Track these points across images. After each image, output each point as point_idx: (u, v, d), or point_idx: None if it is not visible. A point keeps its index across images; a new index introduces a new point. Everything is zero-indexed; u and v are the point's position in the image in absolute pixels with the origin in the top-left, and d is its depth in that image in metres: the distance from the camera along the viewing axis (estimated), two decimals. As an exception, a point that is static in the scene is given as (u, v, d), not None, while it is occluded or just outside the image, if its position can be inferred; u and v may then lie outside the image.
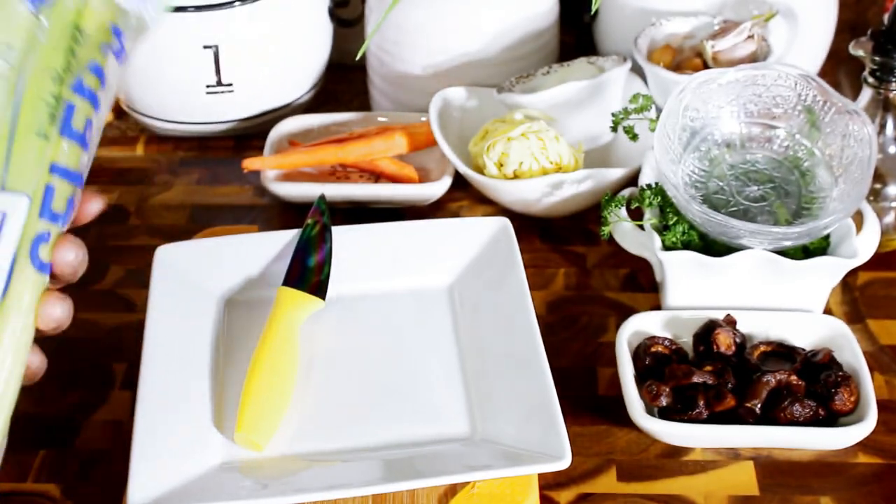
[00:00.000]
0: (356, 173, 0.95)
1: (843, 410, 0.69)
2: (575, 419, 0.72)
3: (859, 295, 0.83)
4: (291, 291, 0.75)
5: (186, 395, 0.70)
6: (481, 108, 0.96)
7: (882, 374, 0.76)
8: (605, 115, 0.91)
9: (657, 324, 0.76)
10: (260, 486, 0.65)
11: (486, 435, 0.68)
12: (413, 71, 1.00)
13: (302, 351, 0.73)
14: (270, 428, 0.68)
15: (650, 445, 0.71)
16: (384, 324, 0.77)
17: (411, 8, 0.97)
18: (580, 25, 1.12)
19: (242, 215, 0.94)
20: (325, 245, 0.79)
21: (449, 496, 0.65)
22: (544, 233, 0.91)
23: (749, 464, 0.70)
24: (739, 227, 0.73)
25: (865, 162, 0.75)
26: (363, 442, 0.68)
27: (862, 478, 0.69)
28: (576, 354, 0.79)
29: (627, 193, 0.84)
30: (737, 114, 0.81)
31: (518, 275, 0.76)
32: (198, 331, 0.75)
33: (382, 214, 0.87)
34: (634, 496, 0.68)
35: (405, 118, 0.99)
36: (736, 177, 0.80)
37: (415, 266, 0.80)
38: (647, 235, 0.80)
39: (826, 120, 0.79)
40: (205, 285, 0.78)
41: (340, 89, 1.11)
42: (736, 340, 0.74)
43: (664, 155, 0.78)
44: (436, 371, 0.73)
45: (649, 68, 0.93)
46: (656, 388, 0.70)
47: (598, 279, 0.86)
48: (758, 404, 0.69)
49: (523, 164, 0.86)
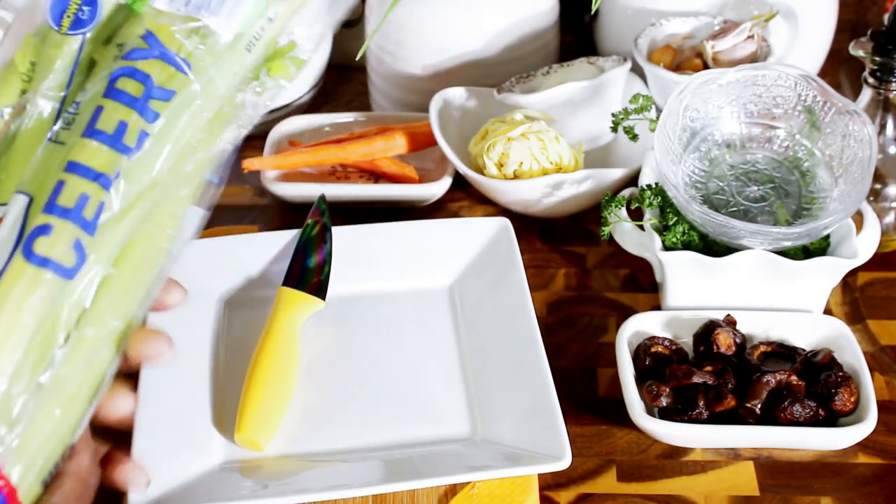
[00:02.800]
0: (356, 173, 0.95)
1: (844, 411, 0.69)
2: (575, 419, 0.72)
3: (859, 295, 0.83)
4: (291, 292, 0.75)
5: (186, 396, 0.70)
6: (481, 108, 0.96)
7: (882, 375, 0.76)
8: (605, 115, 0.91)
9: (657, 324, 0.76)
10: (260, 486, 0.65)
11: (486, 435, 0.68)
12: (413, 71, 1.00)
13: (302, 351, 0.73)
14: (271, 428, 0.68)
15: (650, 446, 0.71)
16: (384, 324, 0.77)
17: (412, 8, 0.97)
18: (580, 25, 1.13)
19: (242, 215, 0.94)
20: (325, 245, 0.79)
21: (449, 496, 0.65)
22: (544, 233, 0.91)
23: (749, 464, 0.70)
24: (739, 228, 0.73)
25: (865, 162, 0.75)
26: (363, 442, 0.68)
27: (862, 478, 0.69)
28: (576, 355, 0.79)
29: (627, 194, 0.84)
30: (737, 114, 0.81)
31: (518, 275, 0.76)
32: (198, 331, 0.75)
33: (382, 214, 0.87)
34: (634, 496, 0.68)
35: (405, 118, 0.99)
36: (736, 177, 0.80)
37: (415, 266, 0.80)
38: (647, 236, 0.80)
39: (826, 120, 0.79)
40: (205, 285, 0.78)
41: (340, 89, 1.11)
42: (736, 341, 0.74)
43: (664, 155, 0.78)
44: (436, 371, 0.73)
45: (649, 69, 0.93)
46: (656, 389, 0.70)
47: (598, 279, 0.86)
48: (758, 404, 0.69)
49: (523, 165, 0.86)
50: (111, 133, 0.52)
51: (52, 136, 0.52)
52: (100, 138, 0.51)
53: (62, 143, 0.52)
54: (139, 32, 0.53)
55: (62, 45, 0.53)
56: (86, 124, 0.52)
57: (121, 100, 0.52)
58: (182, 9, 0.54)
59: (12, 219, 0.51)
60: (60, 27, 0.53)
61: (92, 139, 0.51)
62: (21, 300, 0.50)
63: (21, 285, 0.50)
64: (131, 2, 0.53)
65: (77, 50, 0.53)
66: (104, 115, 0.52)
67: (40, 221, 0.51)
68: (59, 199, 0.51)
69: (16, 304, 0.50)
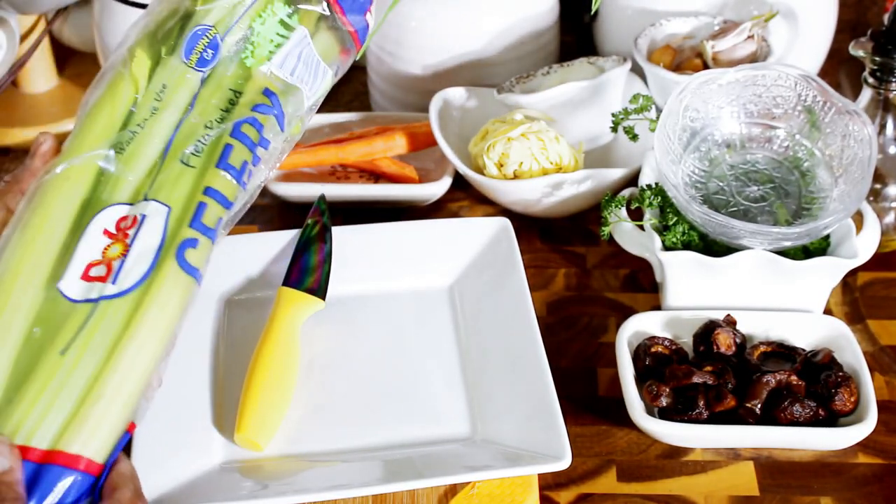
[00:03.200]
0: (356, 173, 0.95)
1: (844, 411, 0.69)
2: (575, 419, 0.72)
3: (859, 295, 0.83)
4: (291, 291, 0.75)
5: (186, 395, 0.70)
6: (481, 108, 0.96)
7: (882, 375, 0.76)
8: (605, 115, 0.91)
9: (657, 324, 0.76)
10: (260, 486, 0.65)
11: (486, 435, 0.68)
12: (413, 71, 1.00)
13: (302, 351, 0.73)
14: (271, 428, 0.68)
15: (650, 446, 0.71)
16: (384, 324, 0.77)
17: (412, 8, 0.97)
18: (580, 25, 1.13)
19: (242, 215, 0.94)
20: (325, 245, 0.79)
21: (449, 496, 0.65)
22: (544, 233, 0.91)
23: (749, 464, 0.70)
24: (739, 228, 0.73)
25: (865, 162, 0.75)
26: (363, 442, 0.68)
27: (862, 478, 0.69)
28: (576, 355, 0.79)
29: (627, 194, 0.84)
30: (737, 114, 0.81)
31: (518, 275, 0.76)
32: (198, 331, 0.75)
33: (382, 214, 0.87)
34: (634, 496, 0.68)
35: (405, 118, 0.99)
36: (736, 177, 0.80)
37: (415, 266, 0.80)
38: (647, 236, 0.80)
39: (826, 120, 0.79)
40: (205, 285, 0.77)
41: (340, 89, 1.11)
42: (736, 341, 0.74)
43: (664, 155, 0.78)
44: (436, 371, 0.73)
45: (649, 68, 0.93)
46: (656, 389, 0.70)
47: (598, 279, 0.86)
48: (758, 404, 0.69)
49: (523, 165, 0.86)
50: (238, 168, 0.62)
51: (183, 158, 0.61)
52: (231, 172, 0.62)
53: (192, 167, 0.61)
54: (258, 88, 0.64)
55: (185, 75, 0.63)
56: (218, 157, 0.61)
57: (244, 142, 0.62)
58: (289, 77, 0.65)
59: (155, 225, 0.59)
60: (189, 61, 0.63)
61: (226, 172, 0.61)
62: (177, 305, 0.58)
63: (178, 291, 0.58)
64: (245, 58, 0.64)
65: (198, 84, 0.63)
66: (234, 154, 0.62)
67: (189, 235, 0.59)
68: (203, 218, 0.60)
69: (175, 307, 0.58)
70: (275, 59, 0.65)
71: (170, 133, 0.62)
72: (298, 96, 0.66)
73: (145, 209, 0.59)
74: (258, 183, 0.66)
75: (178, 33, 0.64)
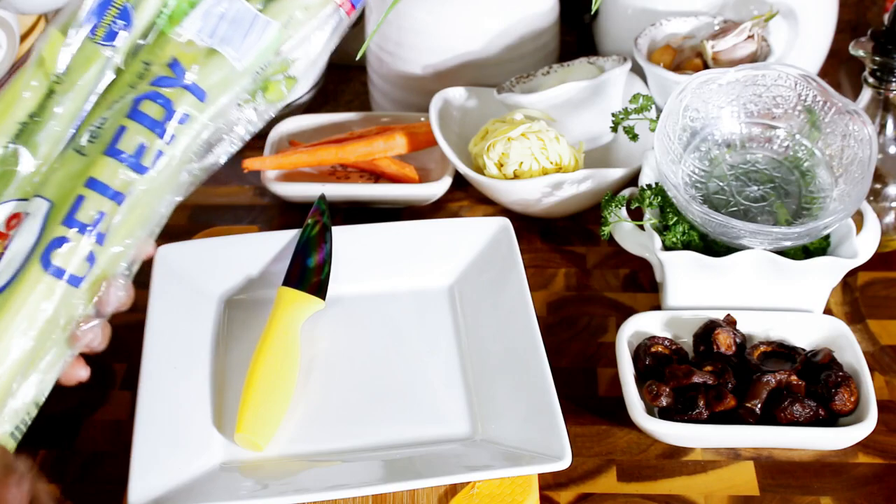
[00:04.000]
0: (356, 173, 0.95)
1: (844, 411, 0.69)
2: (575, 419, 0.72)
3: (859, 295, 0.83)
4: (291, 291, 0.75)
5: (186, 395, 0.70)
6: (481, 108, 0.96)
7: (882, 375, 0.76)
8: (605, 115, 0.91)
9: (657, 324, 0.76)
10: (260, 486, 0.65)
11: (486, 435, 0.68)
12: (413, 71, 1.00)
13: (302, 351, 0.73)
14: (271, 428, 0.68)
15: (650, 446, 0.71)
16: (384, 324, 0.77)
17: (412, 8, 0.97)
18: (580, 25, 1.13)
19: (242, 215, 0.94)
20: (325, 245, 0.79)
21: (449, 496, 0.65)
22: (544, 233, 0.91)
23: (749, 464, 0.70)
24: (740, 228, 0.73)
25: (865, 162, 0.75)
26: (363, 442, 0.68)
27: (862, 478, 0.69)
28: (576, 355, 0.79)
29: (627, 193, 0.84)
30: (737, 114, 0.81)
31: (518, 275, 0.76)
32: (198, 331, 0.75)
33: (382, 214, 0.87)
34: (634, 496, 0.68)
35: (405, 118, 0.99)
36: (736, 177, 0.80)
37: (415, 266, 0.80)
38: (647, 235, 0.80)
39: (826, 120, 0.79)
40: (205, 285, 0.78)
41: (340, 89, 1.11)
42: (736, 340, 0.74)
43: (664, 155, 0.78)
44: (436, 371, 0.73)
45: (649, 68, 0.93)
46: (657, 389, 0.70)
47: (598, 279, 0.86)
48: (758, 404, 0.69)
49: (523, 165, 0.86)
50: (132, 153, 0.56)
51: (76, 146, 0.56)
52: (120, 158, 0.55)
53: (85, 155, 0.55)
54: (166, 59, 0.57)
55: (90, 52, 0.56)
56: (108, 142, 0.55)
57: (143, 122, 0.56)
58: (207, 40, 0.58)
59: (33, 224, 0.55)
60: (95, 35, 0.56)
61: (113, 158, 0.55)
62: (36, 305, 0.55)
63: (38, 292, 0.54)
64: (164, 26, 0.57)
65: (107, 59, 0.57)
66: (126, 136, 0.55)
67: (59, 233, 0.55)
68: (77, 214, 0.55)
69: (32, 308, 0.54)
70: (186, 21, 0.58)
71: (72, 119, 0.57)
72: (222, 60, 0.59)
73: (31, 206, 0.55)
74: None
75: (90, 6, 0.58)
